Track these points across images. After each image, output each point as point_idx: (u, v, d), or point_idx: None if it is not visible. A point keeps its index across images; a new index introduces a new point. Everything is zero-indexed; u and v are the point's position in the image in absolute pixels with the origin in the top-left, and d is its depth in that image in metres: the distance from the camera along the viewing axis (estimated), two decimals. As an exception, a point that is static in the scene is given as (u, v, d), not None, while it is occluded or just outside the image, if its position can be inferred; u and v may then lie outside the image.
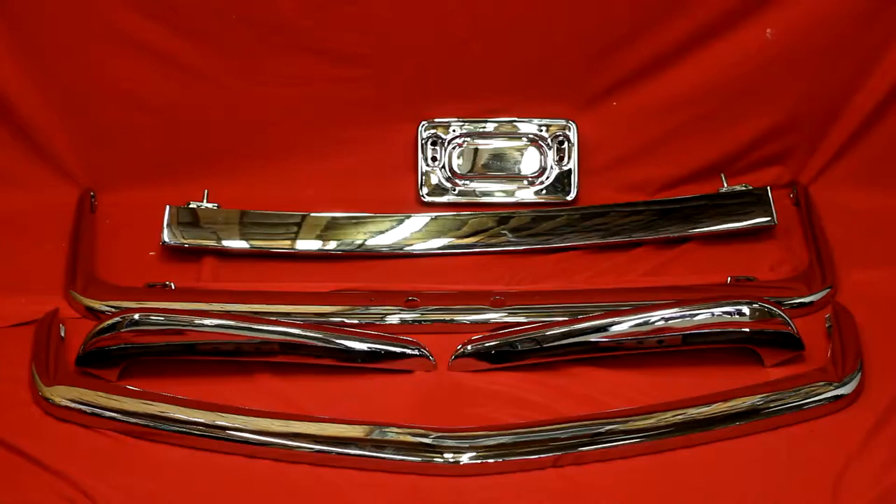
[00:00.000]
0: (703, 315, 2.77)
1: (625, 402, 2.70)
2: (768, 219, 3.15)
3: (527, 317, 2.92)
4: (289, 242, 3.13)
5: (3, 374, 2.76)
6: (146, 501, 2.50)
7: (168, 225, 3.10)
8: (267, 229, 3.15)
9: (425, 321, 2.93)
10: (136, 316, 2.74)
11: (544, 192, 3.26)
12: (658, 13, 3.15)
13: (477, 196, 3.27)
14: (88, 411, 2.65)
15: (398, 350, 2.80)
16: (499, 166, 3.28)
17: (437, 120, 3.26)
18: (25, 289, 2.98)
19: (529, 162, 3.27)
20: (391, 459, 2.58)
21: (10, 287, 2.98)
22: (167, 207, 3.12)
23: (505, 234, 3.18)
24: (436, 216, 3.20)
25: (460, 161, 3.27)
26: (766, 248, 3.15)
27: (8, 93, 3.16)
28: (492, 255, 3.16)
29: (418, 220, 3.19)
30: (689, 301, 2.81)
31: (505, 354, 2.80)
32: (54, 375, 2.72)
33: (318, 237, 3.14)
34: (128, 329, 2.72)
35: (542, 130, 3.27)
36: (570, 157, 3.25)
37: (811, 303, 2.97)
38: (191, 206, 3.15)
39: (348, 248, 3.14)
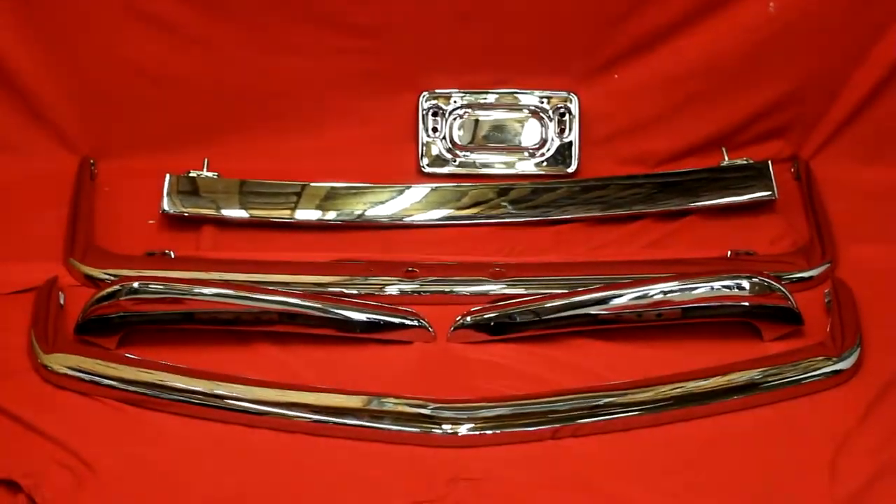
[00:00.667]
0: (702, 288, 2.77)
1: (623, 375, 2.70)
2: (769, 193, 3.14)
3: (526, 289, 2.92)
4: (288, 212, 3.13)
5: (1, 341, 2.76)
6: (144, 469, 2.50)
7: (168, 193, 3.09)
8: (267, 199, 3.14)
9: (424, 292, 2.93)
10: (136, 284, 2.74)
11: (545, 163, 3.26)
12: (661, -15, 3.15)
13: (477, 167, 3.26)
14: (87, 379, 2.65)
15: (397, 321, 2.80)
16: (499, 138, 3.27)
17: (438, 91, 3.26)
18: (25, 256, 2.97)
19: (530, 134, 3.27)
20: (389, 430, 2.58)
21: (9, 254, 2.98)
22: (167, 176, 3.11)
23: (505, 206, 3.17)
24: (436, 187, 3.20)
25: (461, 132, 3.26)
26: (766, 222, 3.15)
27: (9, 59, 3.14)
28: (492, 226, 3.15)
29: (418, 191, 3.19)
30: (689, 274, 2.80)
31: (504, 326, 2.80)
32: (53, 343, 2.72)
33: (318, 207, 3.14)
34: (127, 297, 2.72)
35: (543, 102, 3.26)
36: (571, 130, 3.25)
37: (811, 277, 2.97)
38: (191, 174, 3.14)
39: (348, 218, 3.13)
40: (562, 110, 3.25)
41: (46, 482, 2.45)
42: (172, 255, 2.99)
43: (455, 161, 3.26)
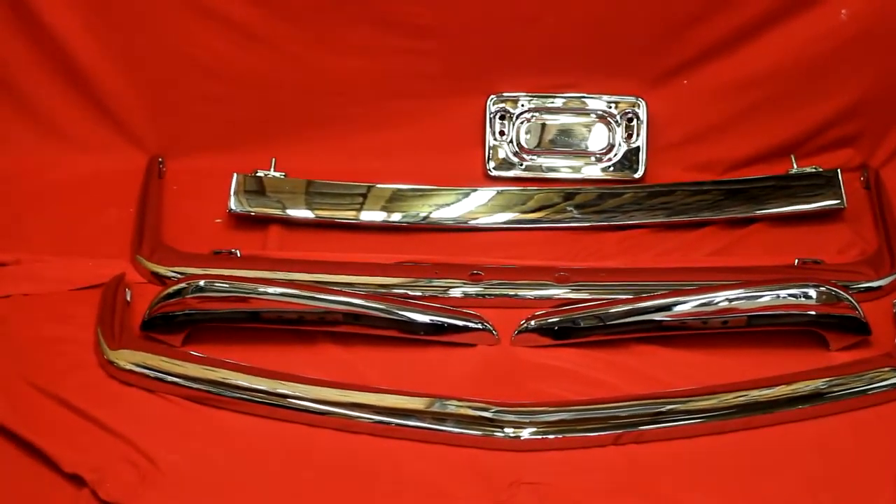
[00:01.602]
0: (768, 297, 2.75)
1: (687, 382, 2.69)
2: (838, 201, 3.12)
3: (590, 293, 2.91)
4: (354, 213, 3.14)
5: (69, 336, 2.78)
6: (207, 466, 2.52)
7: (235, 193, 3.11)
8: (332, 199, 3.15)
9: (489, 295, 2.93)
10: (202, 282, 2.76)
11: (611, 168, 3.25)
12: (731, -9, 3.13)
13: (543, 171, 3.26)
14: (152, 376, 2.67)
15: (461, 323, 2.80)
16: (566, 142, 3.27)
17: (505, 94, 3.26)
18: (93, 253, 3.00)
19: (597, 138, 3.26)
20: (451, 432, 2.59)
21: (77, 250, 3.01)
22: (234, 175, 3.13)
23: (570, 211, 3.16)
24: (501, 190, 3.20)
25: (528, 136, 3.26)
26: (834, 230, 3.12)
27: (81, 59, 3.18)
28: (557, 230, 3.15)
29: (484, 194, 3.19)
30: (755, 282, 2.79)
31: (568, 331, 2.80)
32: (119, 339, 2.74)
33: (383, 208, 3.14)
34: (193, 295, 2.74)
35: (611, 107, 3.25)
36: (638, 135, 3.24)
37: (879, 287, 2.94)
38: (258, 174, 3.16)
39: (413, 220, 3.14)
40: (629, 115, 3.24)
41: (111, 477, 2.46)
42: (238, 255, 3.01)
43: (521, 165, 3.25)
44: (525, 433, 2.57)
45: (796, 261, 3.00)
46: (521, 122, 3.25)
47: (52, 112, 3.25)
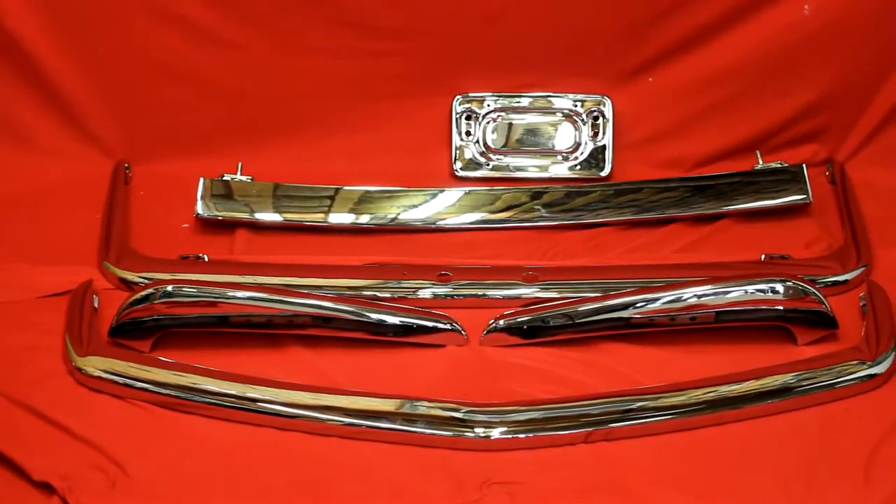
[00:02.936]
0: (736, 292, 2.76)
1: (656, 379, 2.69)
2: (804, 196, 3.13)
3: (559, 292, 2.91)
4: (322, 215, 3.13)
5: (37, 343, 2.77)
6: (177, 472, 2.51)
7: (202, 197, 3.10)
8: (300, 202, 3.15)
9: (457, 295, 2.93)
10: (170, 287, 2.75)
11: (578, 167, 3.25)
12: (694, -12, 3.14)
13: (510, 171, 3.26)
14: (121, 382, 2.66)
15: (430, 324, 2.80)
16: (533, 141, 3.27)
17: (471, 94, 3.26)
18: (59, 259, 2.99)
19: (564, 137, 3.26)
20: (422, 433, 2.58)
21: (44, 258, 2.99)
22: (201, 179, 3.12)
23: (538, 210, 3.17)
24: (469, 191, 3.20)
25: (494, 136, 3.26)
26: (801, 225, 3.14)
27: (44, 65, 3.17)
28: (525, 230, 3.15)
29: (451, 195, 3.19)
30: (723, 278, 2.80)
31: (537, 330, 2.80)
32: (88, 346, 2.73)
33: (351, 210, 3.14)
34: (161, 300, 2.73)
35: (576, 105, 3.26)
36: (604, 133, 3.24)
37: (846, 281, 2.95)
38: (224, 178, 3.15)
39: (381, 221, 3.14)
40: (595, 114, 3.25)
41: (80, 484, 2.45)
42: (206, 259, 3.00)
43: (488, 165, 3.26)
44: (495, 433, 2.57)
45: (763, 256, 3.01)
46: (488, 122, 3.26)
47: (17, 119, 3.24)
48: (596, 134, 3.25)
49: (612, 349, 2.79)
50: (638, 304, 2.77)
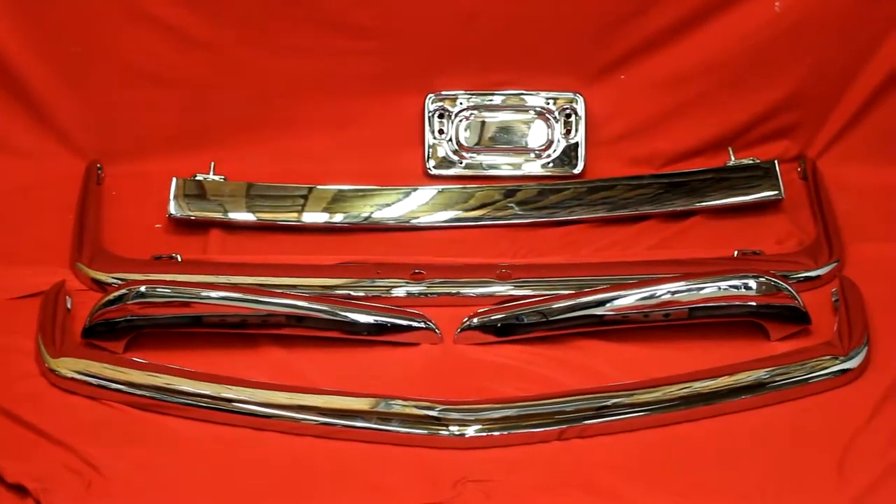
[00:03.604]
0: (709, 288, 2.77)
1: (630, 376, 2.70)
2: (776, 192, 3.14)
3: (533, 290, 2.92)
4: (295, 215, 3.13)
5: (9, 345, 2.76)
6: (152, 473, 2.50)
7: (175, 197, 3.09)
8: (273, 202, 3.14)
9: (431, 294, 2.93)
10: (143, 288, 2.74)
11: (551, 165, 3.26)
12: (666, -14, 3.15)
13: (484, 169, 3.26)
14: (95, 383, 2.65)
15: (404, 323, 2.80)
16: (506, 139, 3.27)
17: (444, 92, 3.26)
18: (32, 260, 2.98)
19: (536, 135, 3.27)
20: (396, 432, 2.58)
21: (16, 259, 2.98)
22: (174, 179, 3.11)
23: (511, 207, 3.17)
24: (442, 189, 3.20)
25: (467, 134, 3.26)
26: (773, 221, 3.15)
27: (15, 64, 3.16)
28: (498, 227, 3.15)
29: (425, 193, 3.19)
30: (696, 274, 2.80)
31: (511, 327, 2.80)
32: (60, 347, 2.72)
33: (325, 210, 3.14)
34: (134, 301, 2.73)
35: (549, 103, 3.26)
36: (577, 131, 3.25)
37: (818, 277, 2.96)
38: (197, 178, 3.15)
39: (355, 220, 3.14)
40: (568, 111, 3.25)
41: (55, 486, 2.44)
42: (179, 259, 2.99)
43: (461, 163, 3.26)
44: (470, 431, 2.58)
45: (736, 252, 3.02)
46: (461, 121, 3.26)
47: (-13, 119, 3.23)
48: (568, 132, 3.25)
49: (585, 346, 2.79)
50: (611, 302, 2.78)
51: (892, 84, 3.22)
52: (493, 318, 2.81)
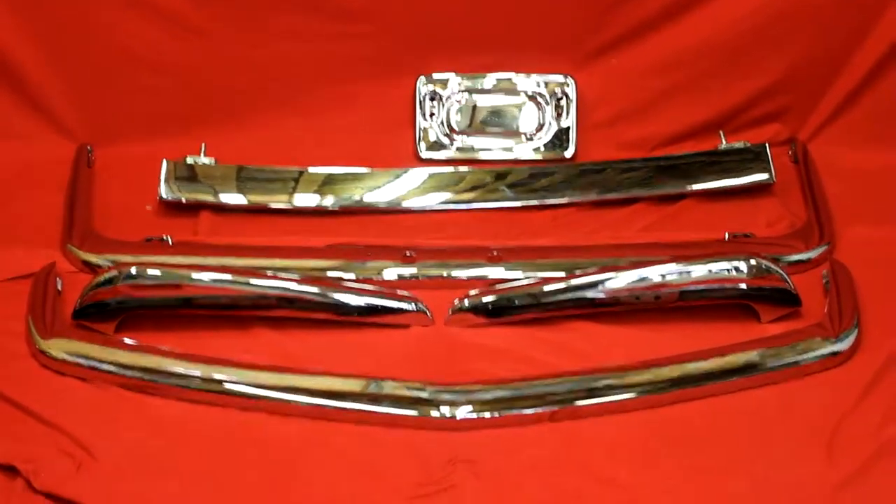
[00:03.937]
0: (700, 271, 2.77)
1: (621, 357, 2.70)
2: (767, 176, 3.14)
3: (524, 272, 2.92)
4: (286, 197, 3.13)
5: (0, 327, 2.76)
6: (143, 454, 2.50)
7: (165, 180, 3.09)
8: (264, 184, 3.14)
9: (422, 276, 2.93)
10: (133, 270, 2.74)
11: (542, 148, 3.26)
12: (658, -30, 3.15)
13: (475, 152, 3.26)
14: (85, 364, 2.65)
15: (395, 305, 2.80)
16: (497, 122, 3.27)
17: (435, 75, 3.25)
18: (22, 242, 2.97)
19: (528, 118, 3.26)
20: (387, 413, 2.58)
21: (6, 241, 2.98)
22: (164, 162, 3.11)
23: (502, 190, 3.17)
24: (433, 172, 3.20)
25: (458, 117, 3.26)
26: (764, 204, 3.15)
27: (4, 47, 3.15)
28: (489, 210, 3.15)
29: (416, 176, 3.19)
30: (687, 257, 2.80)
31: (502, 309, 2.80)
32: (51, 329, 2.72)
33: (316, 192, 3.14)
34: (125, 283, 2.72)
35: (540, 87, 3.26)
36: (568, 114, 3.25)
37: (808, 259, 2.97)
38: (188, 160, 3.14)
39: (346, 203, 3.13)
40: (559, 95, 3.25)
41: (45, 467, 2.44)
42: (170, 241, 2.99)
43: (452, 146, 3.25)
44: (461, 412, 2.58)
45: (726, 235, 3.02)
46: (452, 104, 3.25)
47: (-24, 102, 3.23)
48: (560, 115, 3.25)
49: (577, 328, 2.79)
50: (602, 284, 2.78)
51: (883, 67, 3.22)
52: (483, 300, 2.81)
